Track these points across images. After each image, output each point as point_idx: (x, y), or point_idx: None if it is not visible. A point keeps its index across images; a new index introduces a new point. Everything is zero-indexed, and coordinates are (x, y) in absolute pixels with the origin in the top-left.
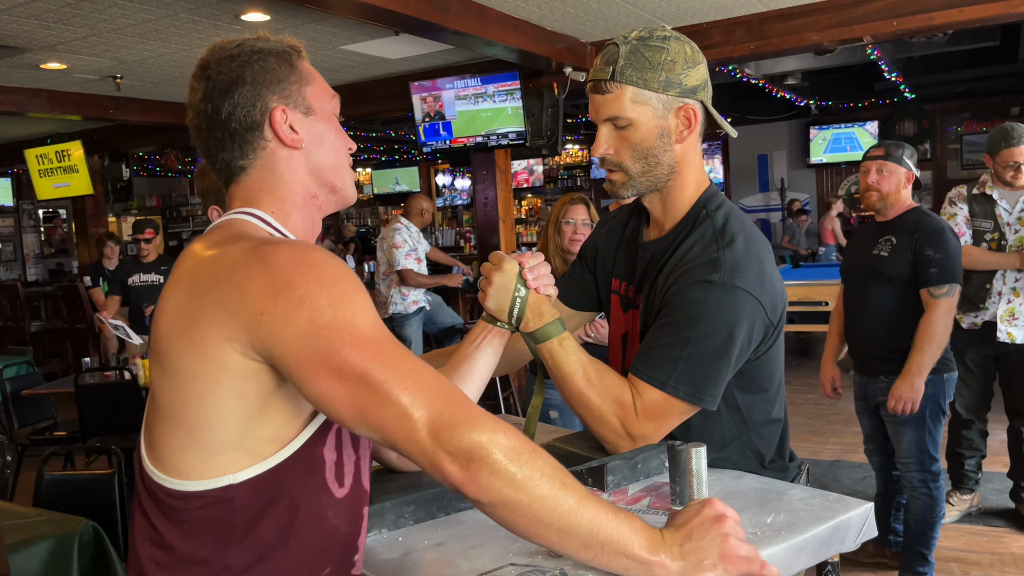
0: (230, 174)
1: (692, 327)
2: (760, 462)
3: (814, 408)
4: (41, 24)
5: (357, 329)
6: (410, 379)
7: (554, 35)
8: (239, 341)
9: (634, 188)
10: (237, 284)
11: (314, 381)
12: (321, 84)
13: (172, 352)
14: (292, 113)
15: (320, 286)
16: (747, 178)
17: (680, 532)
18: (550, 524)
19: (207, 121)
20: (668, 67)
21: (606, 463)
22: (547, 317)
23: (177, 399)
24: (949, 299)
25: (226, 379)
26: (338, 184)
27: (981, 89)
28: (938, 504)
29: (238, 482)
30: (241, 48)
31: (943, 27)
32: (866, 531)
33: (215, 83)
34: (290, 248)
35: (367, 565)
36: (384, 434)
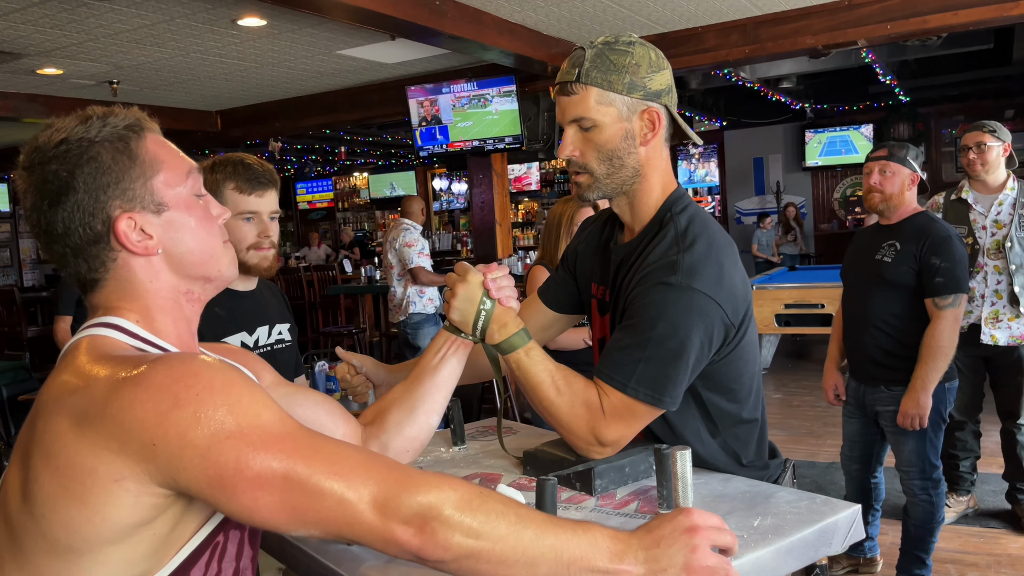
0: (84, 286)
1: (651, 329)
2: (737, 461)
3: (811, 411)
4: (37, 29)
5: (265, 429)
6: (336, 463)
7: (550, 39)
8: (132, 479)
9: (599, 190)
10: (115, 417)
11: (234, 497)
12: (171, 164)
13: (41, 493)
14: (140, 215)
15: (212, 395)
16: (743, 181)
17: (649, 537)
18: (516, 561)
19: (43, 234)
20: (632, 70)
21: (594, 467)
22: (512, 328)
23: (43, 544)
24: (955, 309)
25: (111, 534)
26: (212, 274)
27: (975, 92)
28: (938, 510)
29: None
30: (68, 144)
31: (937, 30)
32: (853, 534)
33: (42, 192)
34: (165, 364)
35: (353, 572)
36: (326, 527)
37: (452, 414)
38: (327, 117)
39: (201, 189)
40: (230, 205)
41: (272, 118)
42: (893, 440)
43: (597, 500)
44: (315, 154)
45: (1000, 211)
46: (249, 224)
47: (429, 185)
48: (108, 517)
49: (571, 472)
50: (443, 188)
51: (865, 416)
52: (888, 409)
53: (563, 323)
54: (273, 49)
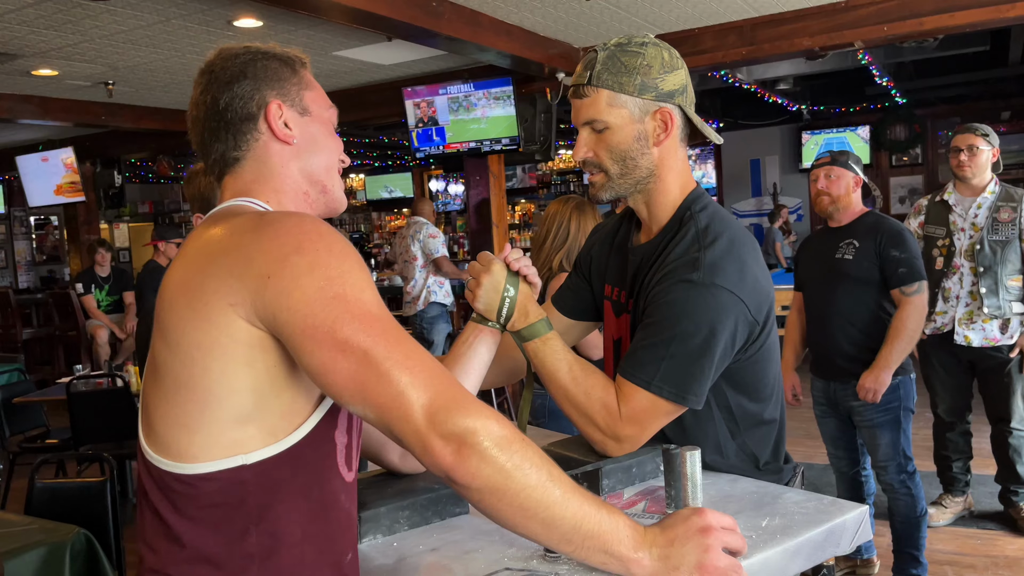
0: (224, 165)
1: (674, 327)
2: (755, 464)
3: (808, 412)
4: (32, 30)
5: (365, 305)
6: (411, 360)
7: (547, 40)
8: (243, 307)
9: (613, 190)
10: (244, 249)
11: (317, 351)
12: (321, 93)
13: (175, 323)
14: (288, 110)
15: (330, 256)
16: (740, 183)
17: (665, 535)
18: (535, 514)
19: (205, 111)
20: (644, 71)
21: (602, 467)
22: (533, 316)
23: (183, 372)
24: (920, 295)
25: (233, 347)
26: (328, 186)
27: (972, 93)
28: (919, 502)
29: (251, 463)
30: (247, 49)
31: (933, 32)
32: (861, 534)
33: (217, 77)
34: (299, 217)
35: (362, 570)
36: (380, 412)
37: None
38: None
39: (335, 125)
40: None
41: None
42: (868, 435)
43: (604, 499)
44: None
45: (978, 214)
46: None
47: (426, 187)
48: (228, 334)
49: (578, 472)
50: (440, 189)
51: (839, 414)
52: (861, 404)
53: (579, 330)
54: None
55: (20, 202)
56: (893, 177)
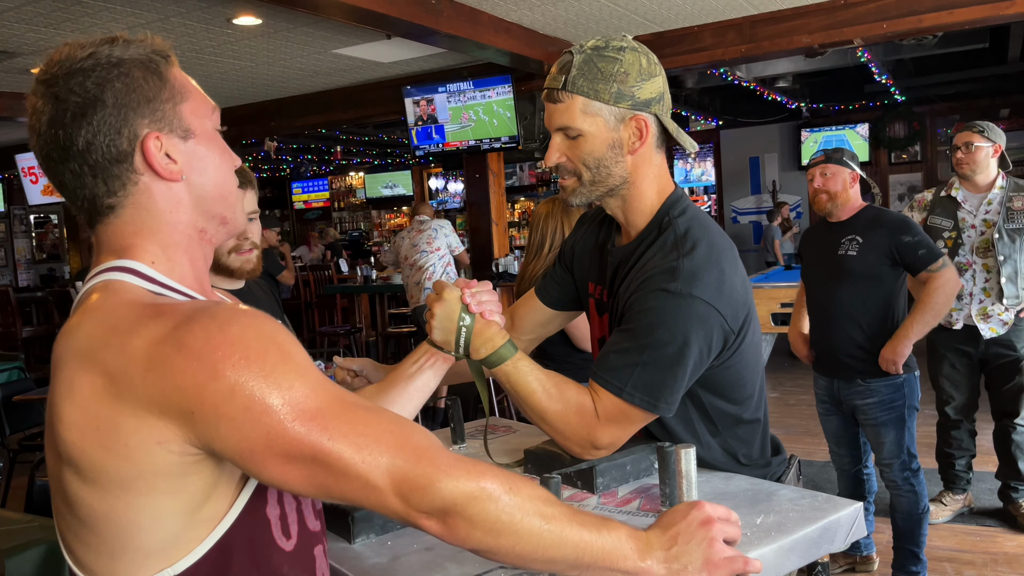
0: (94, 213)
1: (649, 335)
2: (736, 460)
3: (807, 409)
4: (31, 28)
5: (297, 404)
6: (365, 445)
7: (546, 38)
8: (175, 443)
9: (584, 196)
10: (156, 384)
11: (263, 470)
12: (198, 96)
13: (88, 460)
14: (167, 139)
15: (247, 366)
16: (739, 181)
17: (667, 535)
18: (535, 558)
19: (58, 151)
20: (620, 79)
21: (595, 465)
22: (498, 340)
23: (101, 507)
24: (948, 268)
25: (160, 482)
26: (228, 215)
27: (971, 91)
28: (921, 499)
29: (178, 573)
30: (96, 59)
31: (932, 29)
32: (856, 531)
33: (64, 103)
34: (204, 327)
35: (355, 569)
36: (353, 501)
37: (452, 413)
38: (323, 116)
39: (216, 127)
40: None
41: (268, 117)
42: (872, 433)
43: (599, 498)
44: (311, 153)
45: (989, 210)
46: None
47: (425, 184)
48: (153, 470)
49: (573, 470)
50: (439, 187)
51: (842, 412)
52: (867, 402)
53: (561, 319)
54: (269, 48)
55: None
56: (892, 174)
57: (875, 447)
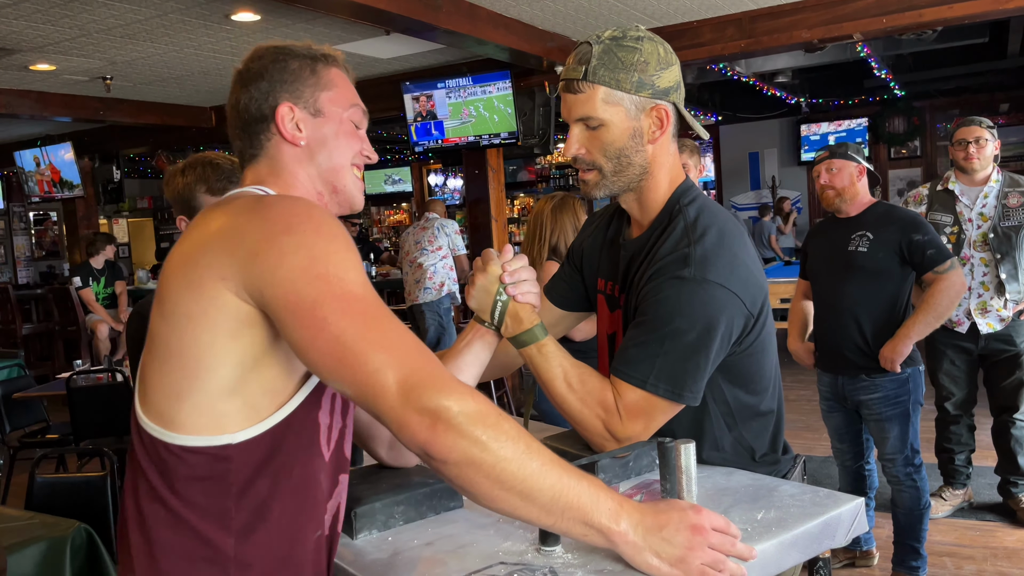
0: (243, 160)
1: (667, 324)
2: (751, 456)
3: (808, 405)
4: (29, 25)
5: (347, 285)
6: (387, 340)
7: (545, 34)
8: (233, 280)
9: (607, 188)
10: (238, 228)
11: (298, 327)
12: (343, 92)
13: (170, 294)
14: (300, 112)
15: (317, 236)
16: (738, 176)
17: (655, 519)
18: (512, 487)
19: (231, 109)
20: (641, 68)
21: (597, 461)
22: (526, 323)
23: (173, 339)
24: (955, 271)
25: (221, 318)
26: (339, 186)
27: (971, 86)
28: (923, 495)
29: (236, 442)
30: (273, 49)
31: (932, 24)
32: (857, 527)
33: (242, 77)
34: (292, 200)
35: (356, 565)
36: (357, 389)
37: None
38: None
39: (360, 123)
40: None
41: None
42: (876, 429)
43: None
44: None
45: (986, 203)
46: None
47: (424, 181)
48: (216, 305)
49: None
50: (439, 184)
51: (845, 408)
52: (871, 397)
53: (571, 320)
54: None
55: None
56: (892, 170)
57: (879, 442)
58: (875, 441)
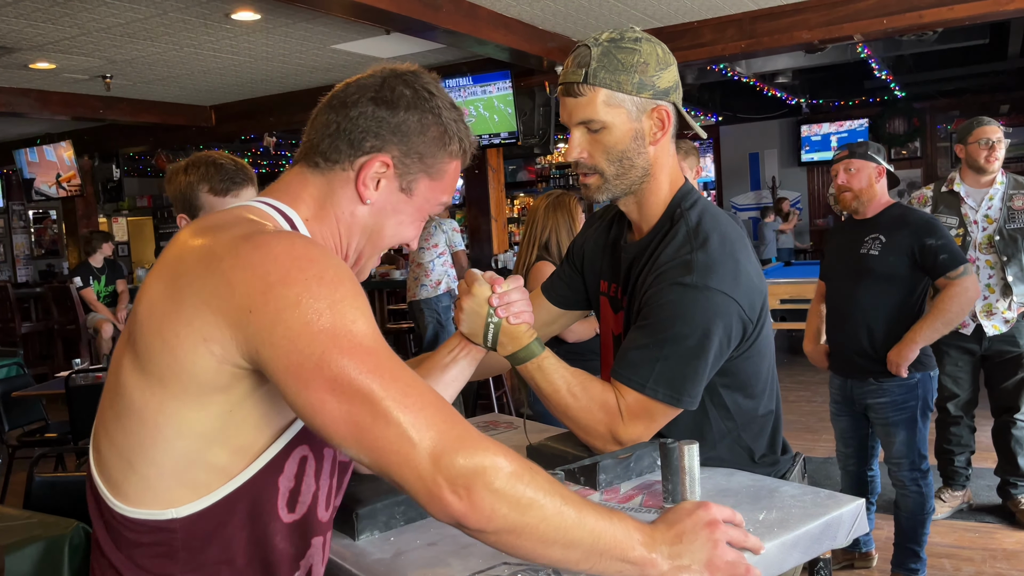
0: (304, 156)
1: (668, 329)
2: (750, 457)
3: (807, 406)
4: (30, 23)
5: (357, 338)
6: (410, 397)
7: (545, 34)
8: (219, 343)
9: (609, 192)
10: (224, 275)
11: (304, 391)
12: (444, 187)
13: (143, 338)
14: (391, 176)
15: (319, 286)
16: (738, 176)
17: (672, 532)
18: (555, 541)
19: (339, 101)
20: (641, 69)
21: (598, 461)
22: (524, 339)
23: (136, 394)
24: (967, 277)
25: (193, 385)
26: (363, 259)
27: (971, 87)
28: (928, 500)
29: (181, 516)
30: (434, 98)
31: (933, 25)
32: (858, 527)
33: (379, 90)
34: (289, 241)
35: (359, 566)
36: (377, 456)
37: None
38: None
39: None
40: (207, 208)
41: (266, 113)
42: (883, 433)
43: (601, 495)
44: None
45: (991, 205)
46: None
47: None
48: (191, 373)
49: (576, 466)
50: None
51: (854, 412)
52: (878, 401)
53: (567, 319)
54: (267, 43)
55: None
56: None
57: (885, 446)
58: (882, 444)
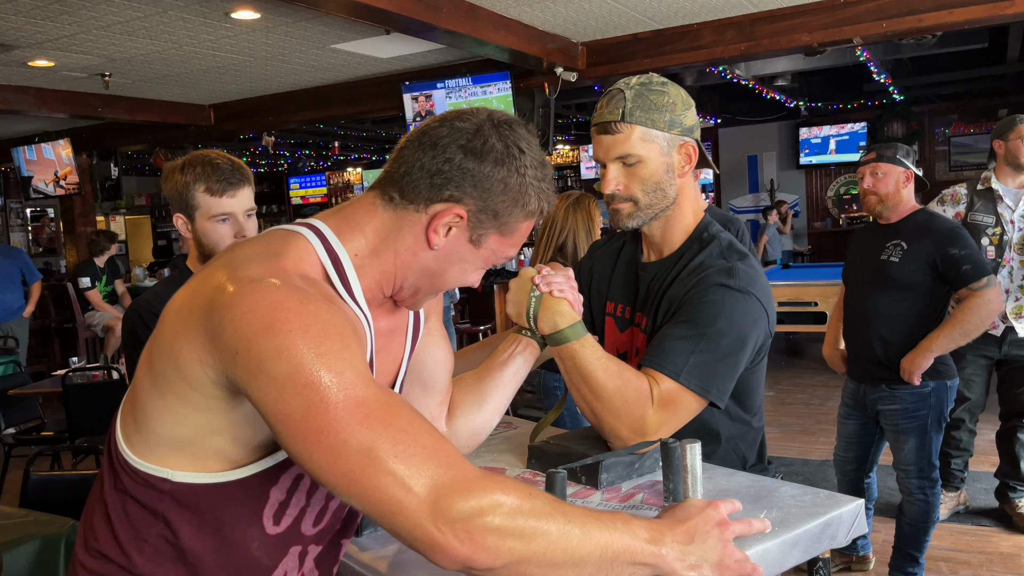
0: (381, 184)
1: (709, 325)
2: (743, 465)
3: (804, 408)
4: (28, 21)
5: (345, 390)
6: (401, 444)
7: (545, 35)
8: (212, 368)
9: (639, 219)
10: (220, 312)
11: (291, 438)
12: (513, 243)
13: (162, 342)
14: (462, 226)
15: (304, 338)
16: (737, 179)
17: (682, 529)
18: (564, 562)
19: (430, 140)
20: (671, 108)
21: (601, 460)
22: (568, 318)
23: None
24: (990, 289)
25: (193, 395)
26: (420, 295)
27: (969, 91)
28: (933, 509)
29: (173, 480)
30: (524, 156)
31: (932, 29)
32: (857, 527)
33: (471, 139)
34: (285, 290)
35: (362, 562)
36: (371, 506)
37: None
38: (321, 112)
39: (497, 264)
40: (202, 209)
41: (265, 112)
42: (893, 439)
43: (603, 494)
44: (309, 149)
45: None
46: (225, 225)
47: None
48: (190, 384)
49: (578, 466)
50: None
51: (864, 417)
52: (890, 408)
53: None
54: (267, 43)
55: (16, 194)
56: None
57: (894, 452)
58: (892, 450)
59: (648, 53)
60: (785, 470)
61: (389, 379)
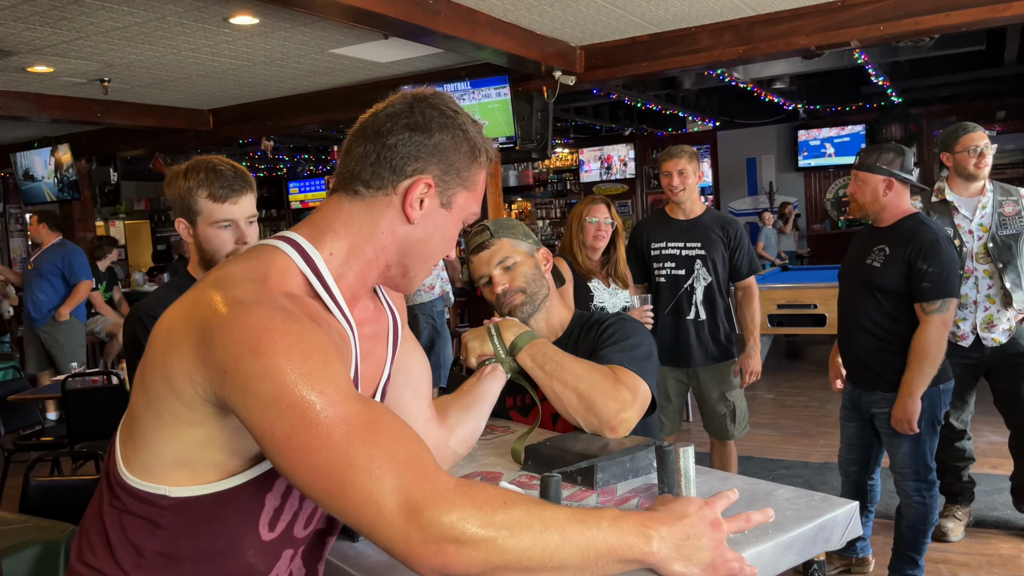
0: (342, 184)
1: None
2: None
3: (803, 411)
4: (27, 27)
5: (327, 409)
6: (379, 458)
7: (543, 39)
8: (202, 386)
9: (531, 305)
10: (210, 335)
11: (275, 455)
12: (477, 195)
13: (153, 358)
14: (432, 194)
15: (288, 359)
16: (736, 182)
17: (678, 527)
18: (543, 567)
19: (373, 131)
20: (521, 228)
21: (596, 463)
22: (524, 327)
23: (152, 395)
24: (942, 315)
25: (183, 411)
26: (412, 272)
27: (967, 93)
28: (931, 512)
29: (171, 496)
30: (458, 116)
31: (929, 31)
32: (851, 530)
33: (410, 116)
34: (271, 311)
35: (358, 567)
36: (353, 518)
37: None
38: (320, 116)
39: (467, 224)
40: (204, 214)
41: (264, 117)
42: (888, 442)
43: (598, 496)
44: (308, 153)
45: (984, 213)
46: (227, 232)
47: None
48: (182, 400)
49: (573, 468)
50: None
51: (862, 419)
52: (883, 411)
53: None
54: (265, 48)
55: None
56: None
57: (890, 455)
58: (888, 452)
59: (646, 57)
60: (785, 473)
61: (374, 383)
